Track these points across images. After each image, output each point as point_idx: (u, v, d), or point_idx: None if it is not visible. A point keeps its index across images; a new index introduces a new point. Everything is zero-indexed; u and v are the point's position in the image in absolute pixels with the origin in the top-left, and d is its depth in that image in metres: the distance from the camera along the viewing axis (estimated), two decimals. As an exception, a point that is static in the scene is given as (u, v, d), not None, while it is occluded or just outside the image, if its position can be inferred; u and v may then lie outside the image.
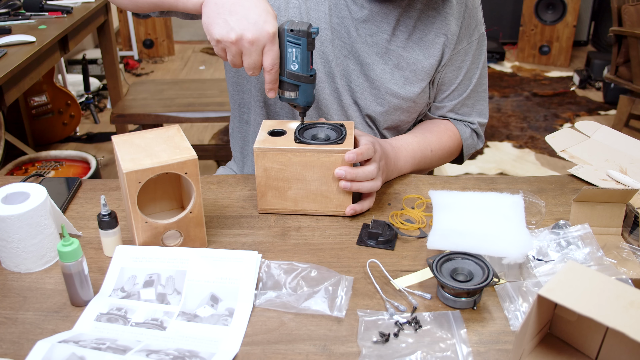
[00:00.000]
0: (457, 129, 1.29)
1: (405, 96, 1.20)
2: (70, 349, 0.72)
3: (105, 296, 0.86)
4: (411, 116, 1.26)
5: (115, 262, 0.89)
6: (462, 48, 1.21)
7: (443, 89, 1.26)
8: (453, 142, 1.29)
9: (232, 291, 0.85)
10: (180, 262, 0.87)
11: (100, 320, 0.82)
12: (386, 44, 1.16)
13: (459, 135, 1.29)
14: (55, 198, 1.07)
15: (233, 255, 0.88)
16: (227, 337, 0.79)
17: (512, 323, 0.81)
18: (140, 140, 0.94)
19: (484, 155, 3.29)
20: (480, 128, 1.33)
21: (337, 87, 1.20)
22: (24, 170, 2.62)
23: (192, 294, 0.85)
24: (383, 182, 1.08)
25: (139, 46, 4.72)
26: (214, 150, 2.99)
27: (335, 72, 1.18)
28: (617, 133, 1.27)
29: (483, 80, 1.29)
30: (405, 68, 1.18)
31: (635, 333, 0.59)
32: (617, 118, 3.20)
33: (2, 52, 1.92)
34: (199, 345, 0.78)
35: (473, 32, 1.21)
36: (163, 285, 0.86)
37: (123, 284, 0.87)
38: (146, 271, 0.87)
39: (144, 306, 0.84)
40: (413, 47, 1.18)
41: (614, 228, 1.00)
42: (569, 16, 4.38)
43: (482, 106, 1.31)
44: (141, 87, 2.85)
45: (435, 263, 0.85)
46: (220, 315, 0.82)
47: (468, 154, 1.34)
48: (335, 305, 0.84)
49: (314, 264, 0.90)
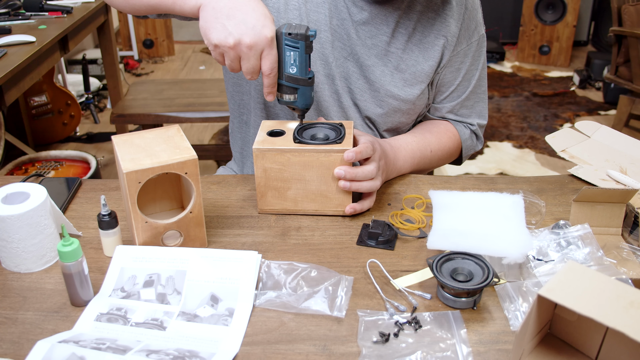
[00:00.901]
0: (457, 130, 1.29)
1: (405, 98, 1.20)
2: (70, 349, 0.72)
3: (105, 296, 0.86)
4: (410, 118, 1.26)
5: (115, 262, 0.89)
6: (461, 49, 1.21)
7: (442, 90, 1.26)
8: (452, 143, 1.29)
9: (232, 291, 0.85)
10: (180, 262, 0.87)
11: (100, 320, 0.82)
12: (386, 46, 1.17)
13: (458, 136, 1.29)
14: (55, 198, 1.07)
15: (233, 255, 0.88)
16: (227, 337, 0.79)
17: (512, 323, 0.81)
18: (140, 140, 0.94)
19: (484, 155, 3.29)
20: (480, 129, 1.33)
21: (337, 88, 1.20)
22: (24, 170, 2.62)
23: (192, 294, 0.85)
24: (383, 181, 1.08)
25: (139, 46, 4.72)
26: (214, 150, 2.99)
27: (335, 73, 1.18)
28: (617, 133, 1.27)
29: (482, 81, 1.29)
30: (404, 70, 1.18)
31: (635, 333, 0.59)
32: (617, 118, 3.20)
33: (2, 52, 1.92)
34: (199, 345, 0.78)
35: (473, 33, 1.21)
36: (163, 285, 0.86)
37: (123, 284, 0.87)
38: (146, 271, 0.87)
39: (144, 306, 0.84)
40: (412, 49, 1.18)
41: (614, 228, 1.00)
42: (569, 16, 4.38)
43: (482, 107, 1.31)
44: (141, 87, 2.85)
45: (435, 263, 0.85)
46: (221, 315, 0.82)
47: (467, 155, 1.34)
48: (335, 305, 0.84)
49: (314, 264, 0.90)
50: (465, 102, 1.27)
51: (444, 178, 1.20)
